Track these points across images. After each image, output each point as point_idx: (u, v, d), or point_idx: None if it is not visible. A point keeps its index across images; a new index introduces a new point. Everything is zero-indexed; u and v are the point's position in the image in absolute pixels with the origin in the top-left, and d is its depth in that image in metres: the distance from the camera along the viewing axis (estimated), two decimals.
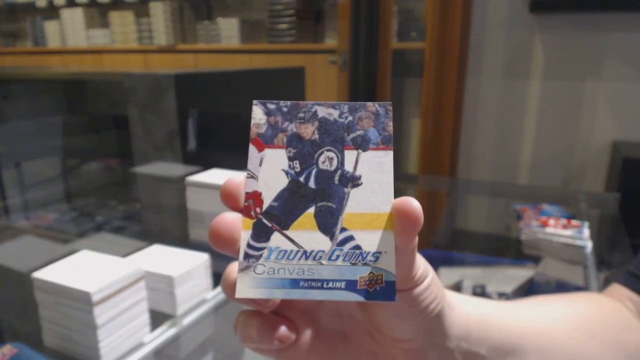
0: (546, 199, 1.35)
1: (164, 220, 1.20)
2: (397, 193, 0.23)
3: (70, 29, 3.43)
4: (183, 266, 0.82)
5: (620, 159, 1.79)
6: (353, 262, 0.22)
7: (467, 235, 2.17)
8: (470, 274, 1.11)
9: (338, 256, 0.22)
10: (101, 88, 1.80)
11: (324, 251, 0.22)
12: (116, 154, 1.84)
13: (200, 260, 0.84)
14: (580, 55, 2.06)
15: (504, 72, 2.21)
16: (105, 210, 1.70)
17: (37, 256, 1.09)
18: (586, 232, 1.10)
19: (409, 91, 2.51)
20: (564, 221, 1.16)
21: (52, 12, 3.53)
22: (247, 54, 2.83)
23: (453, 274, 1.12)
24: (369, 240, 0.22)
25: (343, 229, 0.22)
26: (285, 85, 1.70)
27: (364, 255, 0.22)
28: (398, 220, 0.22)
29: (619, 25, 1.97)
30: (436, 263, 1.19)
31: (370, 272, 0.21)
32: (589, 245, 1.07)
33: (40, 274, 0.70)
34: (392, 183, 0.23)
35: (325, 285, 0.21)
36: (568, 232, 1.10)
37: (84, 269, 0.71)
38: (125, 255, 0.84)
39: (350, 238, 0.22)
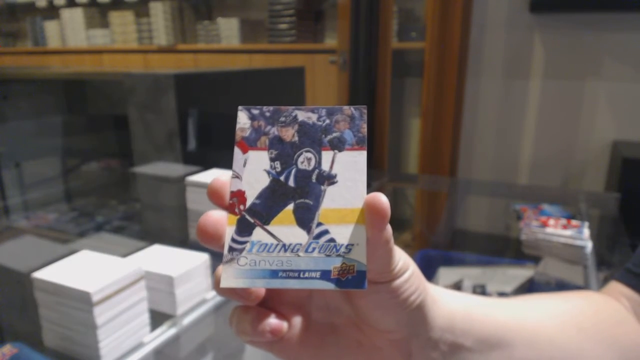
0: (546, 199, 1.35)
1: (164, 220, 1.20)
2: (397, 193, 0.23)
3: (70, 29, 3.43)
4: (183, 266, 0.82)
5: (620, 159, 1.79)
6: (327, 253, 0.23)
7: (467, 235, 2.17)
8: (470, 274, 1.11)
9: (314, 249, 0.23)
10: (101, 88, 1.80)
11: (301, 244, 0.23)
12: (116, 154, 1.84)
13: (200, 260, 0.84)
14: (580, 55, 2.06)
15: (504, 72, 2.21)
16: (105, 210, 1.70)
17: (37, 256, 1.09)
18: (586, 232, 1.10)
19: (409, 91, 2.51)
20: (564, 221, 1.16)
21: (52, 12, 3.53)
22: (247, 54, 2.83)
23: (453, 274, 1.12)
24: (343, 233, 0.23)
25: (319, 224, 0.24)
26: (285, 85, 1.70)
27: (338, 248, 0.23)
28: (368, 214, 0.23)
29: (619, 25, 1.97)
30: (436, 263, 1.19)
31: (343, 263, 0.23)
32: (589, 245, 1.07)
33: (40, 274, 0.70)
34: (365, 180, 0.24)
35: (301, 275, 0.23)
36: (568, 232, 1.10)
37: (84, 269, 0.72)
38: (125, 255, 0.84)
39: (326, 232, 0.24)
